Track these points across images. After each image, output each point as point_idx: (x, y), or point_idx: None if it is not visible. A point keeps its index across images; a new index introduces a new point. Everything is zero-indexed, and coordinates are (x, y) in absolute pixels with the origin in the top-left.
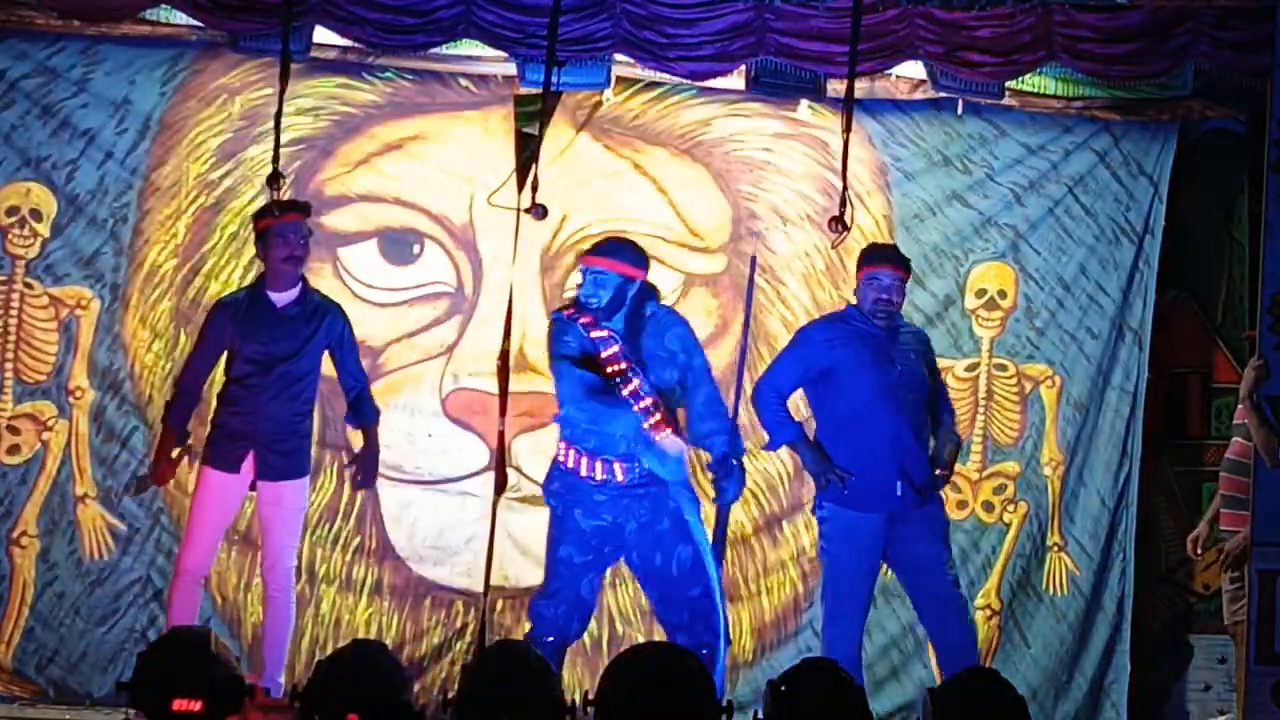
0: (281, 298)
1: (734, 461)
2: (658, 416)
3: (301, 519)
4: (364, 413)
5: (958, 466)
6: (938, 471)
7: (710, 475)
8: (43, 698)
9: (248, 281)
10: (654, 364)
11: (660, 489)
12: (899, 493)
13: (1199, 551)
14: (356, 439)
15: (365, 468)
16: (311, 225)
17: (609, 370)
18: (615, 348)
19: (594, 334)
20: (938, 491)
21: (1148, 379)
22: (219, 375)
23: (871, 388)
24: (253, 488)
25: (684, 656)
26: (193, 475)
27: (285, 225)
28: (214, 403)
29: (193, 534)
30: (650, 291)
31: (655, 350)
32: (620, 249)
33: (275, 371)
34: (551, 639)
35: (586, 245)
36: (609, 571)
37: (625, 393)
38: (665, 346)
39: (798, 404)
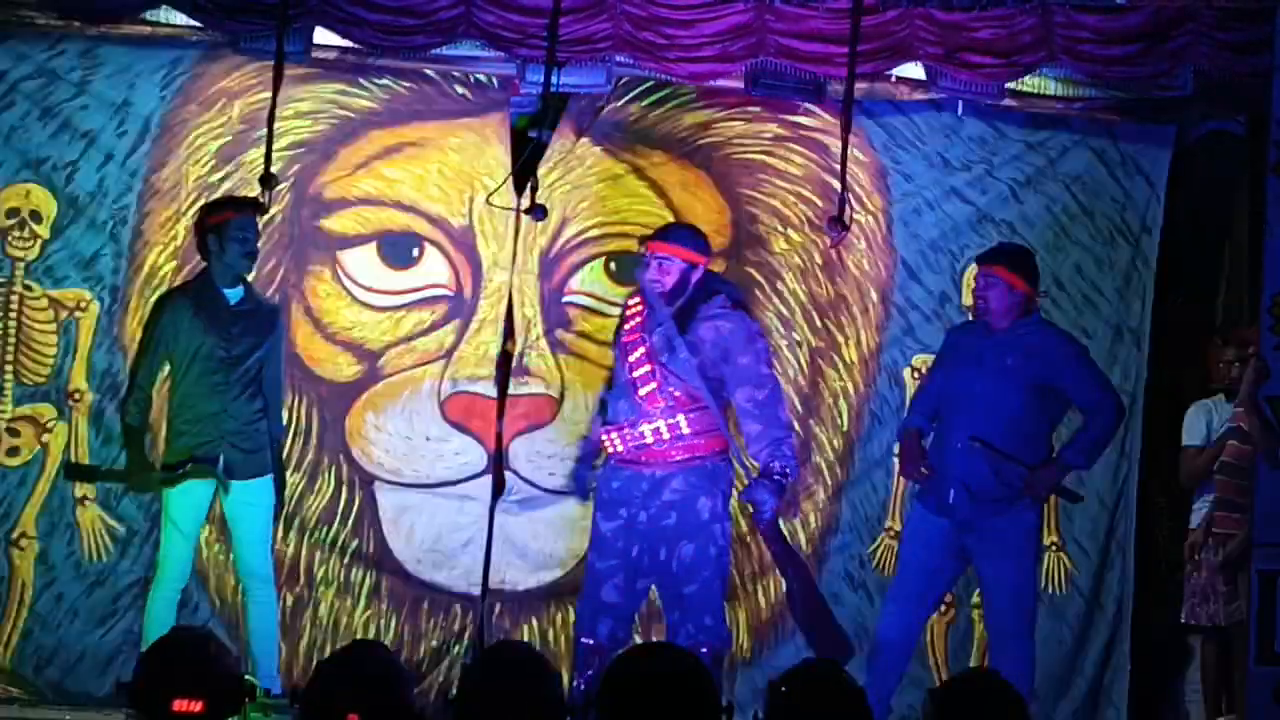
0: (233, 293)
1: (775, 477)
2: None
3: (272, 516)
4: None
5: None
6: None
7: (747, 488)
8: (41, 699)
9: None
10: (695, 355)
11: (670, 475)
12: (951, 500)
13: (1196, 558)
14: (357, 443)
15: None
16: (311, 228)
17: (635, 374)
18: (642, 349)
19: (626, 338)
20: (1026, 510)
21: (1146, 379)
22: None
23: (951, 392)
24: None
25: (684, 656)
26: None
27: (246, 219)
28: (167, 408)
29: (172, 544)
30: (714, 280)
31: (701, 342)
32: (685, 234)
33: (237, 369)
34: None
35: (588, 249)
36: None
37: (642, 394)
38: (710, 340)
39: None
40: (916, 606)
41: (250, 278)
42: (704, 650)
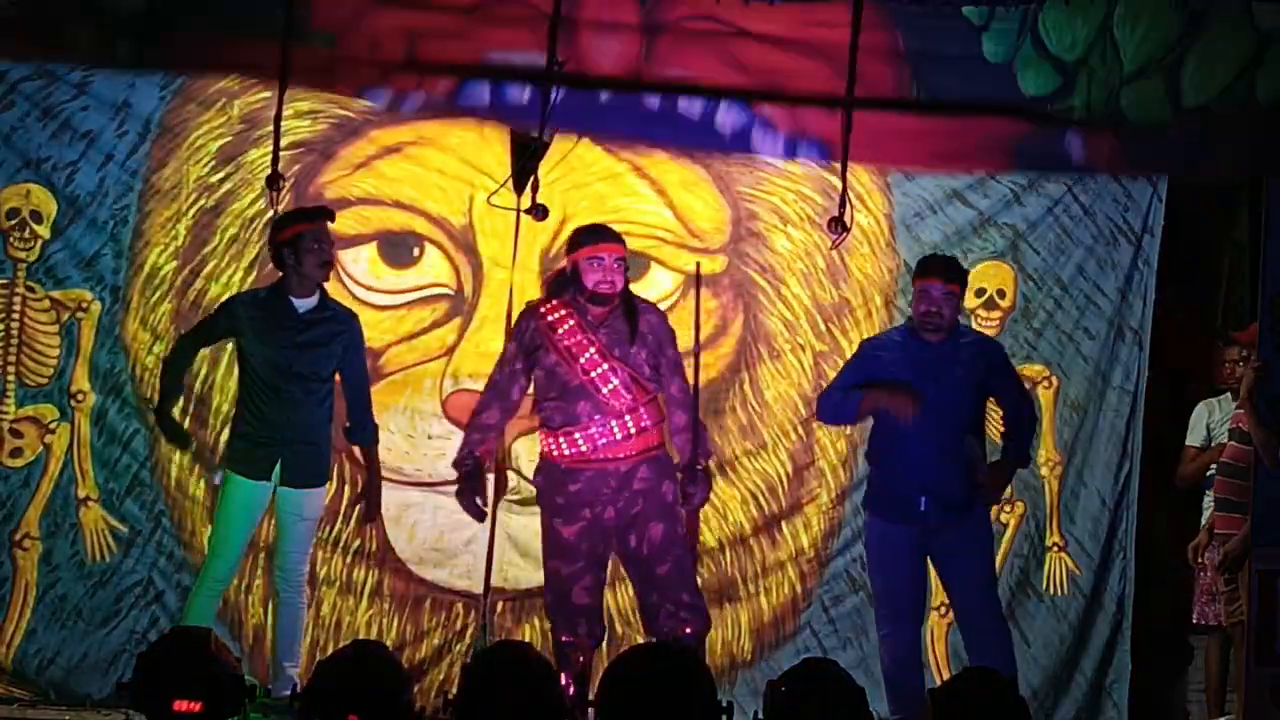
0: (304, 303)
1: (698, 467)
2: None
3: (315, 527)
4: (364, 432)
5: None
6: (986, 488)
7: (679, 478)
8: (43, 699)
9: (249, 284)
10: (644, 348)
11: (635, 467)
12: (923, 508)
13: (1200, 559)
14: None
15: (369, 499)
16: None
17: (591, 374)
18: (592, 350)
19: (564, 341)
20: (981, 507)
21: (1148, 379)
22: (230, 382)
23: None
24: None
25: (684, 656)
26: (193, 478)
27: (319, 230)
28: (233, 409)
29: (222, 543)
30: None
31: (644, 336)
32: (612, 229)
33: (302, 377)
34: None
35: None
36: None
37: (605, 392)
38: (649, 333)
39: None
40: (913, 621)
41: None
42: (689, 631)
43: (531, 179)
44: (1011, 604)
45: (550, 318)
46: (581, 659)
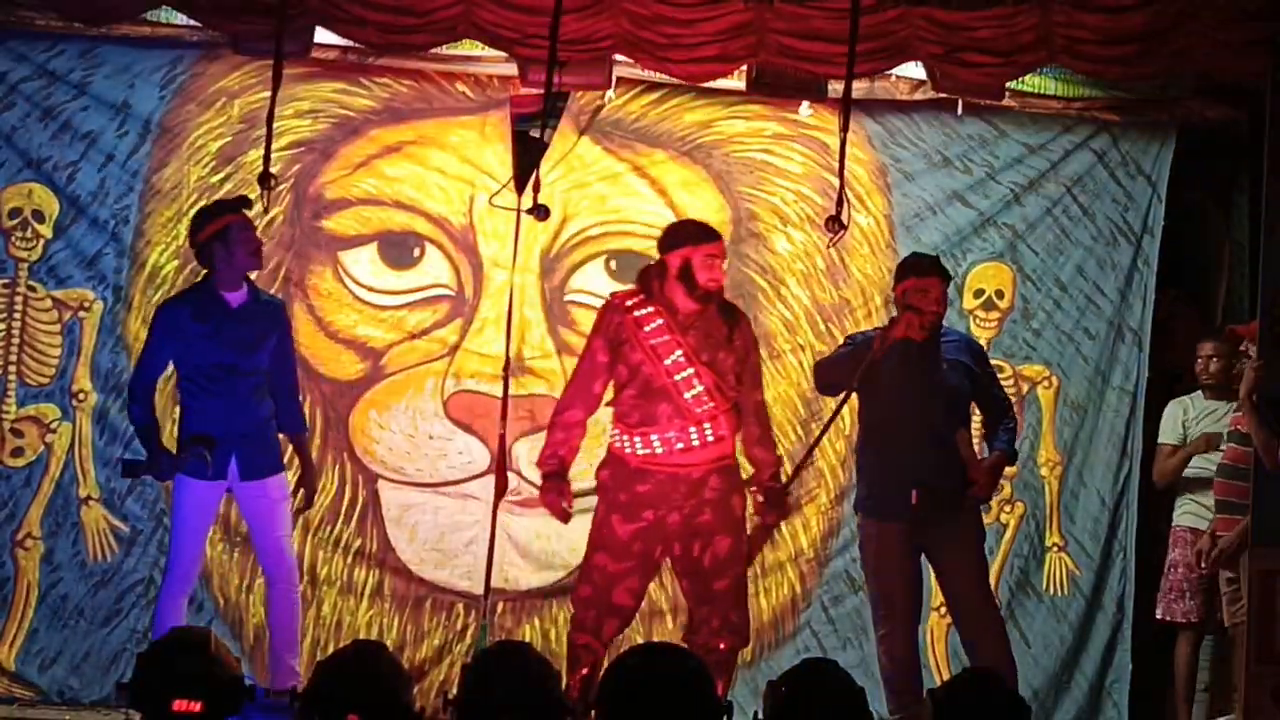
0: (235, 297)
1: (787, 494)
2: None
3: (289, 509)
4: (291, 416)
5: None
6: (973, 484)
7: (752, 493)
8: (45, 699)
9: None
10: (734, 354)
11: (707, 475)
12: (914, 501)
13: (1204, 565)
14: (360, 441)
15: (307, 488)
16: (312, 228)
17: (675, 377)
18: (680, 351)
19: (649, 338)
20: (972, 502)
21: (1148, 379)
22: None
23: (898, 400)
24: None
25: (684, 656)
26: None
27: (244, 220)
28: (174, 411)
29: (181, 547)
30: None
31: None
32: (714, 228)
33: (243, 372)
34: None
35: (589, 248)
36: None
37: (688, 396)
38: (730, 334)
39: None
40: (911, 621)
41: (254, 276)
42: (722, 646)
43: (533, 179)
44: (1011, 604)
45: (637, 313)
46: (593, 662)
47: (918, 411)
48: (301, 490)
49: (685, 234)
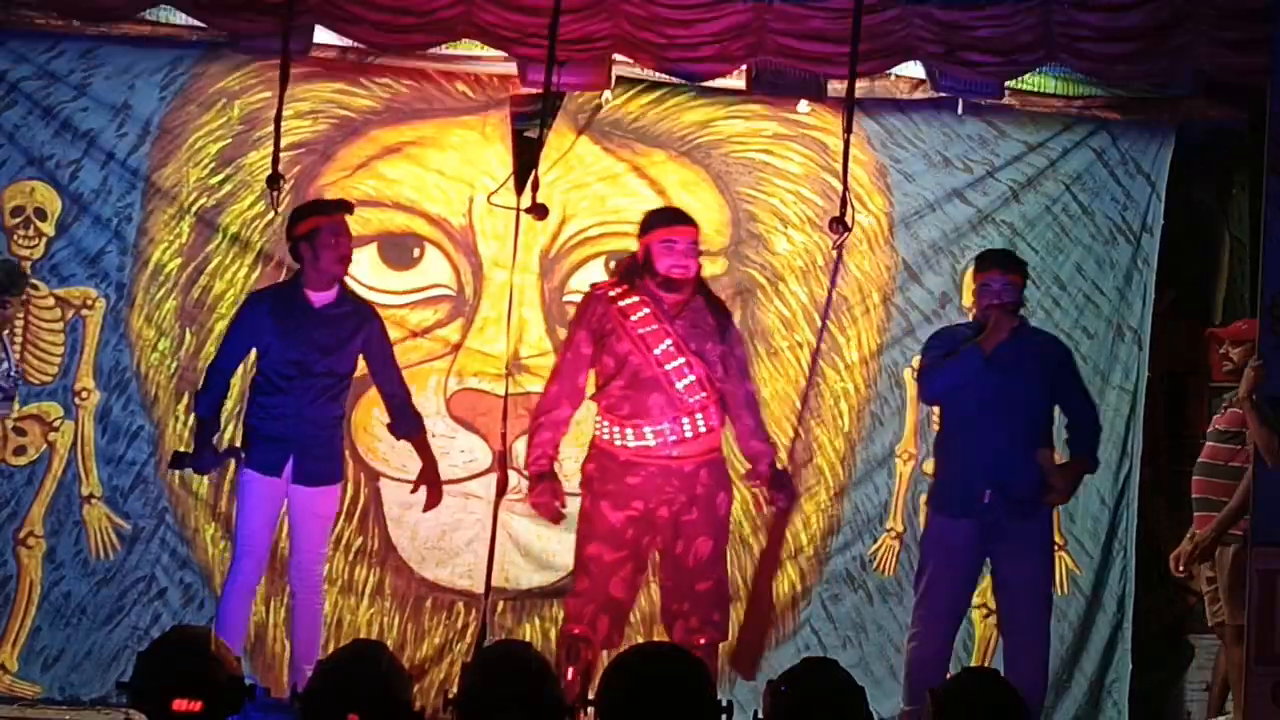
0: (321, 298)
1: (781, 468)
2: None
3: (331, 527)
4: (407, 422)
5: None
6: (1051, 489)
7: (754, 485)
8: (46, 698)
9: (254, 280)
10: (723, 343)
11: (698, 469)
12: (986, 500)
13: (1182, 569)
14: (362, 440)
15: (430, 485)
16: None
17: (666, 367)
18: (669, 341)
19: (636, 328)
20: (1045, 509)
21: (1147, 379)
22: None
23: (973, 397)
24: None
25: (684, 656)
26: (195, 476)
27: (338, 224)
28: (245, 404)
29: (245, 542)
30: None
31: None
32: (685, 213)
33: (315, 373)
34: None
35: (588, 248)
36: None
37: (680, 387)
38: (718, 325)
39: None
40: (953, 621)
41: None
42: (703, 642)
43: (531, 178)
44: None
45: (623, 303)
46: (590, 655)
47: (993, 411)
48: (425, 487)
49: (646, 221)
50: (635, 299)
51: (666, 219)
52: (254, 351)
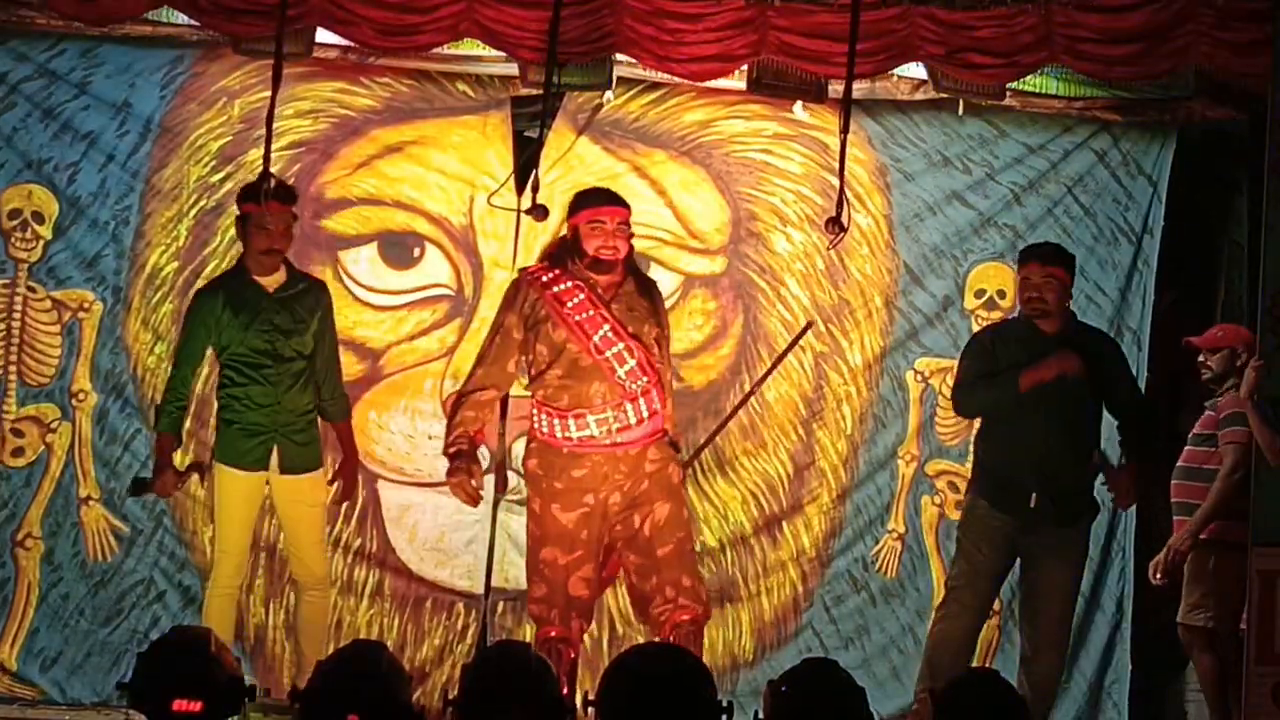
0: (269, 280)
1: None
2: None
3: (324, 514)
4: (335, 403)
5: (956, 466)
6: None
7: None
8: (45, 699)
9: None
10: (657, 324)
11: (645, 450)
12: (1033, 504)
13: (1160, 576)
14: (360, 441)
15: (345, 478)
16: (312, 228)
17: (606, 353)
18: (606, 326)
19: (570, 315)
20: (1087, 514)
21: (1148, 379)
22: (212, 372)
23: (1019, 392)
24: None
25: (684, 656)
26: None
27: (263, 215)
28: (216, 404)
29: (224, 540)
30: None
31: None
32: (614, 192)
33: (285, 358)
34: None
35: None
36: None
37: (622, 373)
38: (653, 307)
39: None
40: (981, 615)
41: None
42: (686, 618)
43: (532, 179)
44: (1012, 604)
45: (556, 288)
46: (572, 655)
47: (1041, 409)
48: (339, 481)
49: (573, 202)
50: (569, 284)
51: (593, 200)
52: (209, 350)
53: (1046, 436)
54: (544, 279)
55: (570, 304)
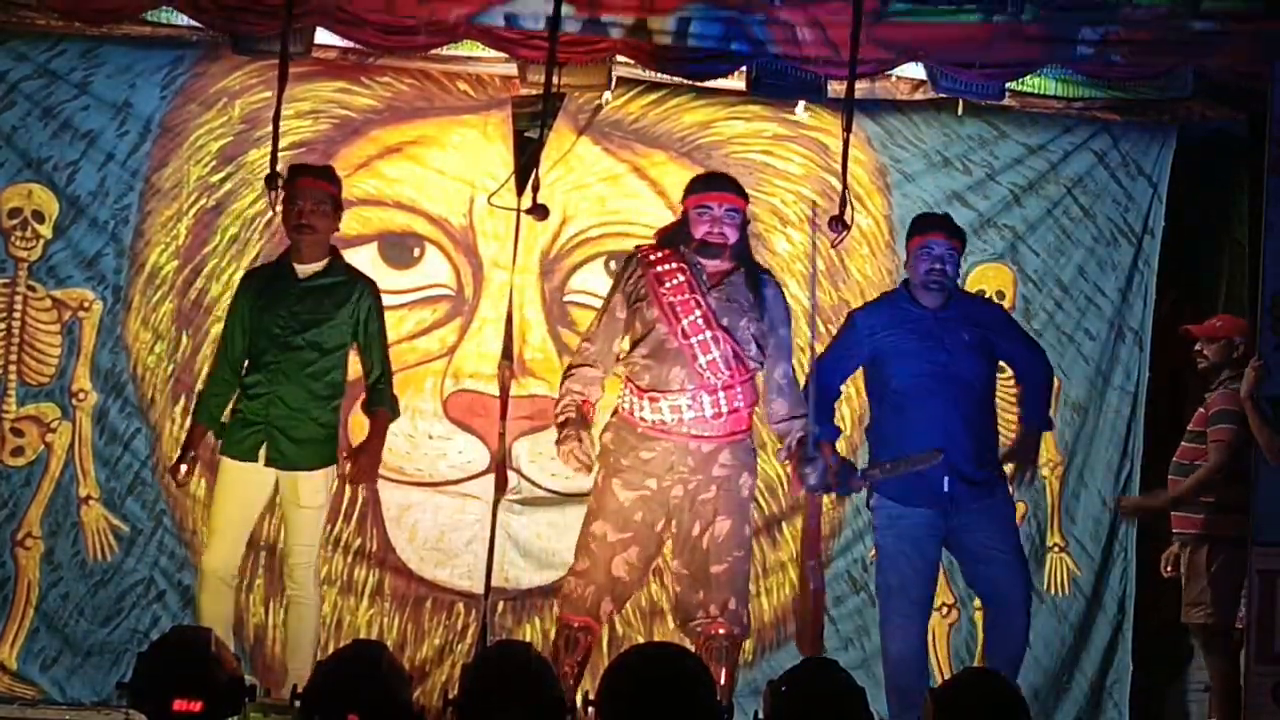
0: (305, 269)
1: (814, 448)
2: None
3: (321, 518)
4: (377, 401)
5: None
6: (1016, 467)
7: (786, 461)
8: (46, 699)
9: None
10: (761, 320)
11: (718, 449)
12: (946, 489)
13: (1169, 569)
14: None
15: (364, 462)
16: None
17: (692, 340)
18: (699, 312)
19: (669, 297)
20: (1002, 482)
21: (1148, 379)
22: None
23: (916, 375)
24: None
25: (684, 656)
26: (194, 477)
27: (296, 190)
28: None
29: (213, 530)
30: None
31: (763, 308)
32: (735, 182)
33: (293, 347)
34: None
35: (589, 249)
36: None
37: (703, 362)
38: (768, 305)
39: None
40: (924, 618)
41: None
42: (722, 633)
43: (532, 179)
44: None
45: (659, 268)
46: (589, 643)
47: (940, 389)
48: (357, 458)
49: (688, 185)
50: (672, 265)
51: (702, 185)
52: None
53: (944, 419)
54: (651, 258)
55: (668, 285)
